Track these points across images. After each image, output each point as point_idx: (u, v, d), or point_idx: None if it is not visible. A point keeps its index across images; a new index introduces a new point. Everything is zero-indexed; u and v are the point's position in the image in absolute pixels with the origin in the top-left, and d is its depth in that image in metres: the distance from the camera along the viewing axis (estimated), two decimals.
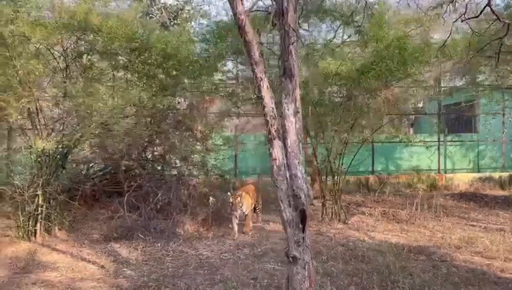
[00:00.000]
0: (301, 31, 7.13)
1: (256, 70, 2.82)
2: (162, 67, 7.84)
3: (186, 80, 8.12)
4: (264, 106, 2.84)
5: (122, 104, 7.27)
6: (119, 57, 7.78)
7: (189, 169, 9.15)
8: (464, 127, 16.31)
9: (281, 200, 2.85)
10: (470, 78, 11.56)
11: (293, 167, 2.91)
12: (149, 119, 8.54)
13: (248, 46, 2.82)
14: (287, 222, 2.84)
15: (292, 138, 2.94)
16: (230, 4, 2.82)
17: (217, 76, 8.17)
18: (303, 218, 2.86)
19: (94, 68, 7.94)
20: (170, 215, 7.79)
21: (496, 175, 14.23)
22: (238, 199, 7.23)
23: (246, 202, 7.46)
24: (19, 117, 6.45)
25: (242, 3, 2.76)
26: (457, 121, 16.66)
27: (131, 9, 7.87)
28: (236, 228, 7.29)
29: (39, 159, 7.18)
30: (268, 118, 2.84)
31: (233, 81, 8.57)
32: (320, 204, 10.21)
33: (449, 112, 15.68)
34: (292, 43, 3.00)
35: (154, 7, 9.81)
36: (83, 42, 7.39)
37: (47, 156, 7.26)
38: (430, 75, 9.23)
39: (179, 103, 8.61)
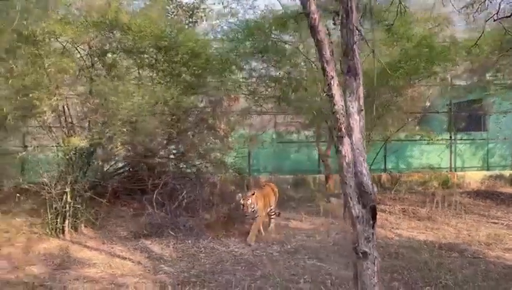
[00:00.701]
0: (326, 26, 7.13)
1: (327, 69, 2.87)
2: (187, 66, 7.88)
3: (210, 78, 8.15)
4: (333, 104, 2.89)
5: (148, 102, 7.31)
6: (145, 55, 7.81)
7: (208, 167, 9.21)
8: (473, 125, 16.37)
9: (350, 197, 2.90)
10: (480, 77, 11.59)
11: (358, 164, 2.96)
12: (173, 117, 8.57)
13: (320, 45, 2.87)
14: (357, 218, 2.89)
15: (357, 135, 2.99)
16: (302, 4, 2.86)
17: (241, 74, 8.20)
18: (373, 214, 2.91)
19: (119, 66, 7.97)
20: (196, 212, 7.85)
21: (507, 173, 14.31)
22: (250, 200, 6.68)
23: (259, 204, 6.89)
24: (51, 115, 6.47)
25: (315, 3, 2.81)
26: (467, 119, 16.73)
27: (159, 8, 7.90)
28: (254, 231, 6.79)
29: (67, 157, 7.23)
30: (338, 116, 2.89)
31: (254, 80, 8.57)
32: (340, 201, 10.33)
33: (460, 110, 15.72)
34: (356, 42, 3.04)
35: (170, 6, 9.82)
36: (110, 40, 7.41)
37: (74, 153, 7.30)
38: (451, 73, 9.26)
39: (201, 101, 8.64)
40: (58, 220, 7.19)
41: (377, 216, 8.38)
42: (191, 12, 10.15)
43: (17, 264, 5.76)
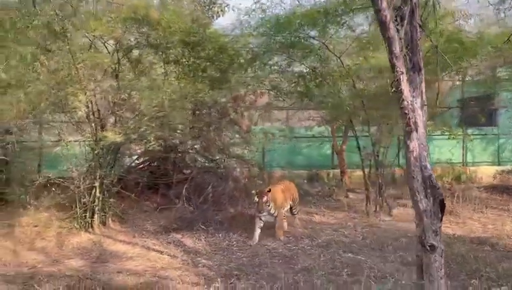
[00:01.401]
0: (354, 22, 7.17)
1: (397, 64, 2.91)
2: (212, 61, 7.91)
3: (235, 74, 8.19)
4: (402, 99, 2.93)
5: (174, 97, 7.34)
6: (171, 51, 7.83)
7: (230, 161, 9.27)
8: (484, 120, 16.38)
9: (417, 191, 2.95)
10: (492, 72, 11.55)
11: (422, 159, 3.01)
12: (196, 112, 8.61)
13: (389, 41, 2.91)
14: (424, 211, 2.94)
15: (421, 130, 3.04)
16: (372, 1, 2.90)
17: (265, 70, 8.23)
18: (442, 208, 2.96)
19: (144, 62, 8.01)
20: (222, 206, 7.91)
21: None
22: (265, 197, 6.35)
23: (275, 202, 6.60)
24: (85, 110, 6.51)
25: (386, 0, 2.84)
26: (478, 114, 16.74)
27: (182, 4, 7.92)
28: (258, 232, 6.42)
29: (96, 152, 7.28)
30: (406, 111, 2.93)
31: (277, 75, 8.60)
32: (357, 196, 10.40)
33: (471, 106, 15.73)
34: (419, 38, 3.08)
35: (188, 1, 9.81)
36: (138, 36, 7.43)
37: (101, 148, 7.34)
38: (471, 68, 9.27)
39: (224, 96, 8.68)
40: (88, 214, 7.25)
41: (396, 210, 8.47)
42: (207, 7, 10.16)
43: (55, 257, 5.84)
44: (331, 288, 4.02)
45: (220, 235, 6.78)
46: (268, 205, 6.42)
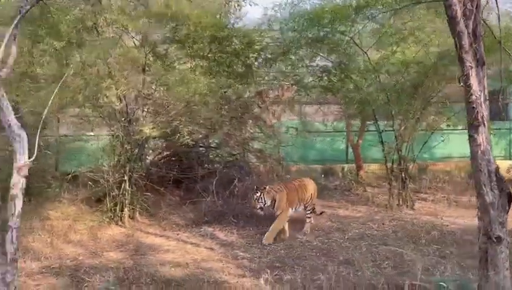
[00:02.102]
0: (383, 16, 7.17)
1: (466, 59, 2.95)
2: (238, 56, 7.93)
3: (260, 68, 8.22)
4: (471, 94, 2.97)
5: (201, 92, 7.38)
6: (197, 46, 7.83)
7: (252, 156, 9.32)
8: (495, 114, 16.38)
9: (484, 184, 3.01)
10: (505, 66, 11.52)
11: (486, 153, 3.06)
12: (220, 106, 8.63)
13: (459, 36, 2.95)
14: (490, 204, 3.00)
15: (485, 124, 3.08)
16: None
17: (290, 64, 8.25)
18: (509, 199, 3.02)
19: (171, 57, 8.03)
20: (248, 200, 7.96)
21: None
22: (258, 193, 6.14)
23: (280, 201, 6.26)
24: (119, 104, 6.56)
25: None
26: (490, 108, 16.75)
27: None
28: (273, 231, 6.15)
29: (125, 146, 7.33)
30: (475, 105, 2.98)
31: (302, 70, 8.61)
32: (376, 190, 10.46)
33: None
34: (484, 33, 3.12)
35: None
36: (167, 31, 7.44)
37: (128, 143, 7.39)
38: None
39: (248, 90, 8.71)
40: (118, 207, 7.32)
41: (418, 204, 8.49)
42: (226, 2, 10.16)
43: (93, 250, 5.91)
44: (383, 280, 4.08)
45: (251, 228, 6.84)
46: (261, 201, 6.11)
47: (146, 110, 7.16)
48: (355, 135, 12.37)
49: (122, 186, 7.39)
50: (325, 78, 8.25)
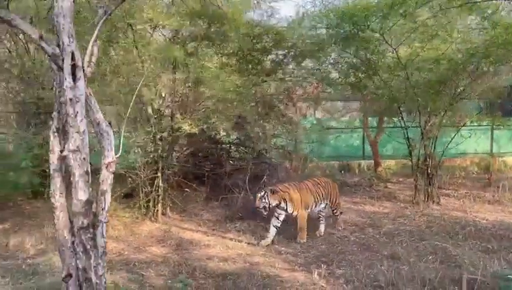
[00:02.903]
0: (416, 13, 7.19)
1: None
2: (268, 53, 8.00)
3: (289, 65, 8.29)
4: None
5: (234, 89, 7.44)
6: (231, 44, 7.89)
7: (277, 152, 9.40)
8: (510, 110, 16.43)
9: None
10: None
11: None
12: (247, 104, 8.70)
13: None
14: None
15: None
16: None
17: (318, 61, 8.32)
18: None
19: (203, 54, 8.08)
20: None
21: None
22: (262, 193, 5.96)
23: (292, 201, 6.11)
24: (157, 102, 6.63)
25: None
26: (504, 104, 16.79)
27: None
28: (272, 230, 6.06)
29: (158, 143, 7.40)
30: None
31: (329, 66, 8.69)
32: (396, 186, 10.54)
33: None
34: None
35: None
36: (201, 28, 7.49)
37: (160, 139, 7.46)
38: None
39: (276, 87, 8.78)
40: (151, 203, 7.41)
41: (446, 200, 8.54)
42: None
43: (135, 245, 6.01)
44: (440, 273, 4.16)
45: (286, 223, 6.90)
46: (265, 201, 5.91)
47: (179, 107, 7.21)
48: (372, 131, 12.46)
49: (155, 183, 7.48)
50: (353, 75, 8.30)
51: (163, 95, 6.92)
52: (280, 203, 6.04)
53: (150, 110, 7.25)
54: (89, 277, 2.73)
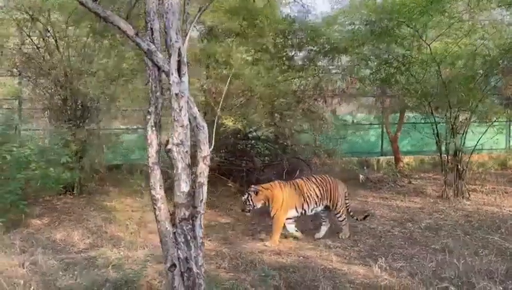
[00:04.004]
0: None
1: None
2: (301, 49, 8.04)
3: (321, 61, 8.33)
4: None
5: (265, 84, 7.50)
6: (263, 39, 7.92)
7: (305, 148, 9.45)
8: None
9: None
10: None
11: None
12: (278, 99, 8.75)
13: None
14: None
15: None
16: None
17: (349, 57, 8.36)
18: None
19: (234, 50, 8.12)
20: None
21: None
22: (245, 195, 5.82)
23: (274, 201, 5.74)
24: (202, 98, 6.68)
25: None
26: None
27: None
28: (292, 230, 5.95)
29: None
30: None
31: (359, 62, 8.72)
32: (419, 181, 10.60)
33: None
34: None
35: None
36: (236, 25, 7.53)
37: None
38: None
39: (306, 84, 8.82)
40: None
41: (475, 195, 8.61)
42: None
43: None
44: (505, 265, 4.22)
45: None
46: (249, 204, 5.73)
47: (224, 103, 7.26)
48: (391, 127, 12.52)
49: None
50: (385, 70, 8.34)
51: (204, 91, 6.96)
52: (265, 203, 5.79)
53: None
54: (190, 266, 2.79)
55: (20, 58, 9.05)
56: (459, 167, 8.81)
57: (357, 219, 6.36)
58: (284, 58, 8.08)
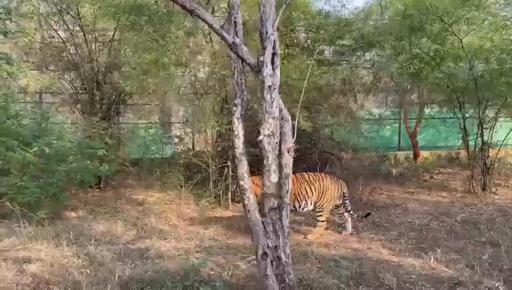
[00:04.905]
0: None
1: None
2: (332, 43, 8.06)
3: (351, 56, 8.35)
4: None
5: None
6: (294, 34, 7.95)
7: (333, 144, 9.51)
8: None
9: None
10: None
11: None
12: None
13: None
14: None
15: None
16: None
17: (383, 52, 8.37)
18: None
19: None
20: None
21: None
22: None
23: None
24: None
25: None
26: None
27: None
28: None
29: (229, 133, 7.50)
30: None
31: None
32: (440, 176, 10.63)
33: None
34: None
35: None
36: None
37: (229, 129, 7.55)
38: None
39: (334, 79, 8.84)
40: (222, 191, 7.53)
41: (499, 190, 8.61)
42: None
43: (222, 232, 6.11)
44: None
45: (361, 212, 7.01)
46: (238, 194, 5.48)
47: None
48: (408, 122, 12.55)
49: (225, 172, 7.59)
50: (415, 65, 8.34)
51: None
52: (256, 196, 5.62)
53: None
54: (279, 255, 2.84)
55: (48, 52, 9.10)
56: (486, 161, 8.83)
57: (357, 216, 6.26)
58: (316, 53, 8.07)
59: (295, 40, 8.12)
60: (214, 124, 6.89)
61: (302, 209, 5.92)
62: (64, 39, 9.14)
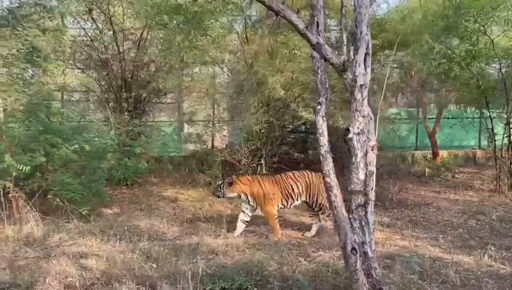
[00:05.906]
0: None
1: None
2: None
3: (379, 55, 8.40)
4: None
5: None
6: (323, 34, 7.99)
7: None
8: None
9: None
10: None
11: None
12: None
13: None
14: None
15: None
16: None
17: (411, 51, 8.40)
18: None
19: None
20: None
21: None
22: (220, 181, 6.05)
23: (255, 195, 5.77)
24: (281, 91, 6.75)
25: None
26: None
27: None
28: (240, 226, 5.86)
29: (263, 131, 7.57)
30: None
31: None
32: (462, 175, 10.68)
33: None
34: None
35: None
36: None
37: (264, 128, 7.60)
38: None
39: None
40: None
41: None
42: None
43: (267, 229, 6.16)
44: None
45: (396, 211, 7.10)
46: (220, 191, 5.79)
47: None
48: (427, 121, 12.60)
49: (258, 170, 7.67)
50: (445, 65, 8.40)
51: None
52: (240, 195, 5.79)
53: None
54: (365, 251, 2.91)
55: (77, 50, 9.17)
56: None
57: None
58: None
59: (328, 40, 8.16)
60: (256, 121, 6.94)
61: (290, 206, 6.04)
62: (91, 38, 9.20)
